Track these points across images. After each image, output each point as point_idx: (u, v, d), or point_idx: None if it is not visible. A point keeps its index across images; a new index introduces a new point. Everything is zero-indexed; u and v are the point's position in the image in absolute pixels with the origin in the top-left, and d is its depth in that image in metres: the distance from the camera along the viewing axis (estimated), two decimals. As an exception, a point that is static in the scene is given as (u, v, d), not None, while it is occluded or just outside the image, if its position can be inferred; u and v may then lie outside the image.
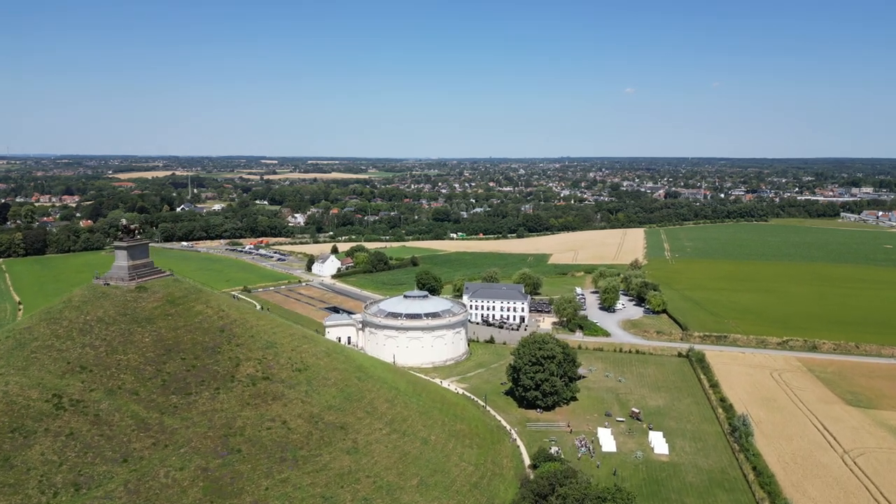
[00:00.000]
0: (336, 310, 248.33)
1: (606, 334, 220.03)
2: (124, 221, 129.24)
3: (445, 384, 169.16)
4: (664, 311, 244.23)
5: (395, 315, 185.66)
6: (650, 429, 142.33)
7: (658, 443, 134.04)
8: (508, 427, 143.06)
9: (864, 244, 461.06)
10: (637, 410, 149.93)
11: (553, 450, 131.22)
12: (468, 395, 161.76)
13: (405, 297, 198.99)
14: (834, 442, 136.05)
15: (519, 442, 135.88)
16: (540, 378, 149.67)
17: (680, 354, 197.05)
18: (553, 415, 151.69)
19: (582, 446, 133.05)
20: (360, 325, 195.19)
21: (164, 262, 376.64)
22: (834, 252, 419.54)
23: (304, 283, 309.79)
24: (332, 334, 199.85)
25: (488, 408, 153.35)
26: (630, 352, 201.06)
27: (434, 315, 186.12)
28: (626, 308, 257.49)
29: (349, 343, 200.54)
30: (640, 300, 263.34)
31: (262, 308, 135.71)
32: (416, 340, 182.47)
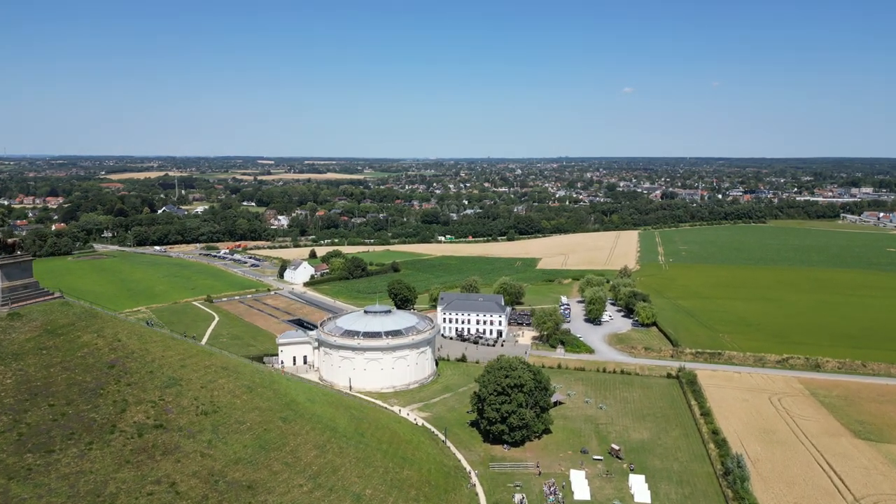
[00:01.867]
0: (300, 323, 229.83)
1: (590, 351, 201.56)
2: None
3: (405, 413, 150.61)
4: (654, 324, 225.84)
5: (351, 333, 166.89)
6: (631, 470, 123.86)
7: (639, 489, 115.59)
8: (469, 468, 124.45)
9: (866, 247, 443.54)
10: (617, 447, 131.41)
11: (517, 498, 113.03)
12: (428, 426, 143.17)
13: (365, 312, 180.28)
14: (842, 486, 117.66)
15: (479, 488, 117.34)
16: (506, 410, 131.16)
17: (669, 375, 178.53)
18: (522, 451, 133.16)
19: (550, 494, 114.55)
20: (317, 344, 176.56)
21: (130, 269, 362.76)
22: (835, 256, 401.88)
23: (272, 292, 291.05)
24: (286, 353, 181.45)
25: (448, 443, 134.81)
26: (614, 372, 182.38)
27: (396, 333, 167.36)
28: (614, 320, 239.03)
29: (305, 363, 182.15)
30: (628, 311, 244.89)
31: (189, 337, 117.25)
32: (374, 362, 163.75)
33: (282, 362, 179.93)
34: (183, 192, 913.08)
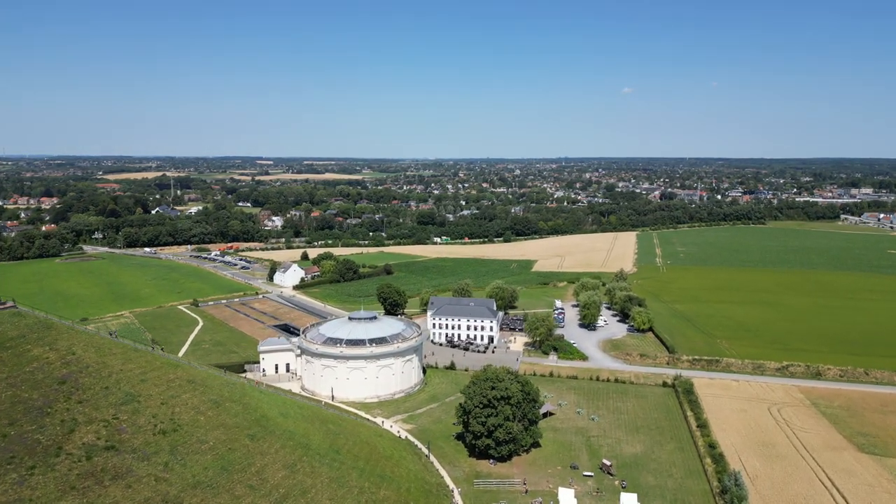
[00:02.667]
0: (286, 328, 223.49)
1: (584, 358, 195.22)
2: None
3: (388, 425, 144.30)
4: (650, 330, 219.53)
5: (334, 341, 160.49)
6: (623, 487, 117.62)
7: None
8: (452, 486, 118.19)
9: (867, 249, 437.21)
10: (608, 463, 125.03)
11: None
12: (411, 439, 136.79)
13: (350, 318, 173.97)
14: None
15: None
16: (492, 423, 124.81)
17: (665, 384, 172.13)
18: (509, 467, 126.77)
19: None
20: (299, 351, 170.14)
21: (118, 271, 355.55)
22: (836, 258, 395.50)
23: (260, 296, 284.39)
24: (268, 361, 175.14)
25: (432, 458, 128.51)
26: (608, 380, 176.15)
27: (380, 341, 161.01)
28: (609, 325, 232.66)
29: (288, 371, 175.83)
30: (624, 316, 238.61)
31: (157, 348, 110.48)
32: (357, 371, 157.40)
33: (263, 370, 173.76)
34: (178, 192, 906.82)
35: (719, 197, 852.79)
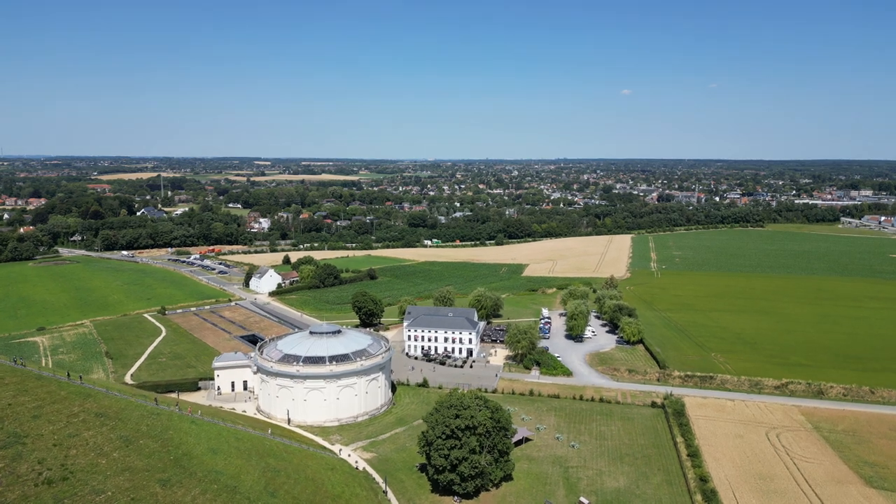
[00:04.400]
0: (253, 339, 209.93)
1: (568, 373, 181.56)
2: None
3: (345, 453, 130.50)
4: (640, 342, 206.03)
5: (291, 358, 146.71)
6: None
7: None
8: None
9: (868, 253, 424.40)
10: (586, 501, 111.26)
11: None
12: (370, 471, 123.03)
13: (311, 332, 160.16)
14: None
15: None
16: (456, 456, 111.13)
17: (654, 404, 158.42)
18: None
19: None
20: (256, 368, 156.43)
21: (90, 275, 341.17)
22: (836, 262, 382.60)
23: (233, 303, 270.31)
24: (223, 378, 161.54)
25: (389, 494, 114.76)
26: (593, 399, 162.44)
27: (342, 358, 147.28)
28: (597, 336, 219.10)
29: (245, 389, 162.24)
30: (613, 326, 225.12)
31: (73, 376, 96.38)
32: (316, 392, 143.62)
33: (218, 389, 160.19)
34: (169, 193, 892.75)
35: (717, 199, 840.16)
